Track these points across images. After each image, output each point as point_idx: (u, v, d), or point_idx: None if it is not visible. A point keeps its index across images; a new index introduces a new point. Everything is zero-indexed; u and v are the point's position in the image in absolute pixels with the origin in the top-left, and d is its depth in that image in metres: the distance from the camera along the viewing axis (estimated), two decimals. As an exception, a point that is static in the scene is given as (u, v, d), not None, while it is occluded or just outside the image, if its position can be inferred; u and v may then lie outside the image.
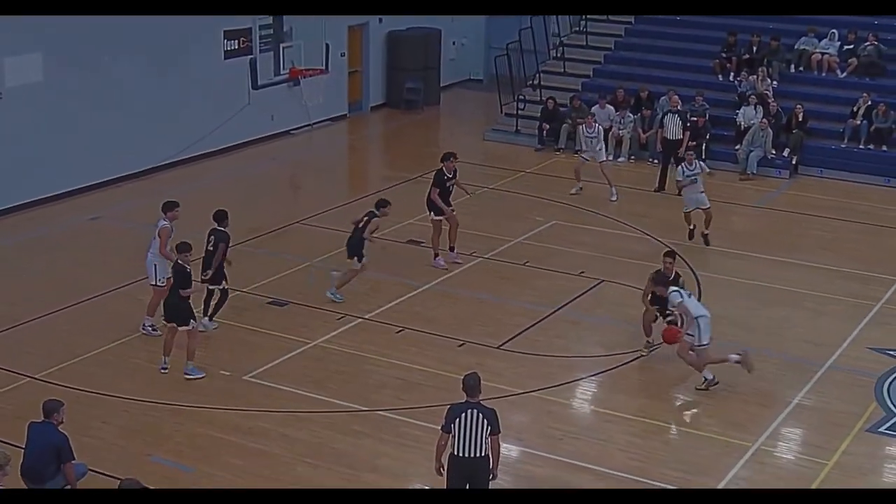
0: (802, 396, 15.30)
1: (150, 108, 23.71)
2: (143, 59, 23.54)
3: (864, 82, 26.82)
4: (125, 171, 23.65)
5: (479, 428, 11.36)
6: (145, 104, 23.61)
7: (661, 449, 14.03)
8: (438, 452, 11.62)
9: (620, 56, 29.65)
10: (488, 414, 11.44)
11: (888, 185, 24.61)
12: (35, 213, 21.80)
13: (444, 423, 11.47)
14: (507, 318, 17.49)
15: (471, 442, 11.36)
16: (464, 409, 11.40)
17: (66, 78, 22.13)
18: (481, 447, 11.40)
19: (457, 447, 11.42)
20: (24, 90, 21.43)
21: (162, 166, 24.32)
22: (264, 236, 20.72)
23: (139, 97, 23.50)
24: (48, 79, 21.84)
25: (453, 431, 11.39)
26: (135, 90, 23.44)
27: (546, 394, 15.21)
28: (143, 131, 23.60)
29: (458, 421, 11.36)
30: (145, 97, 23.62)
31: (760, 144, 25.16)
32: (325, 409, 14.66)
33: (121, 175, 23.57)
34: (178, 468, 13.17)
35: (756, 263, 19.97)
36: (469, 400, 11.50)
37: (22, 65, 21.43)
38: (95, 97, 22.68)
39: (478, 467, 11.48)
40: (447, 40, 32.14)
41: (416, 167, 25.11)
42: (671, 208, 21.84)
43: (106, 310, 17.56)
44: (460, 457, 11.41)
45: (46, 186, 22.12)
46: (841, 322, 17.56)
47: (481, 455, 11.42)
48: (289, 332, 16.79)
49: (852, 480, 13.34)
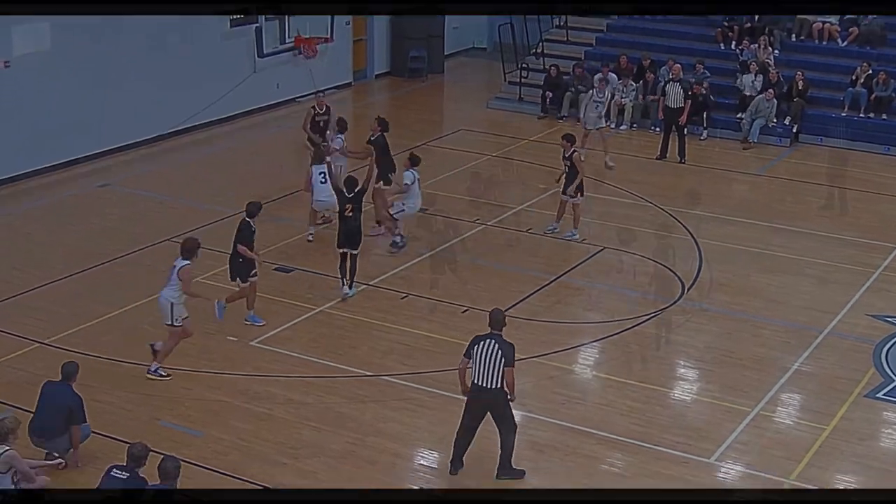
0: (801, 362, 15.30)
1: (157, 76, 23.60)
2: (150, 28, 23.40)
3: (865, 51, 26.69)
4: (133, 138, 23.58)
5: (494, 359, 11.83)
6: (152, 73, 23.49)
7: (663, 414, 14.03)
8: (461, 377, 12.27)
9: (623, 25, 29.51)
10: (504, 347, 11.95)
11: (888, 154, 24.52)
12: (44, 180, 21.76)
13: (466, 349, 12.11)
14: (509, 284, 17.47)
15: (486, 371, 11.89)
16: (483, 339, 12.04)
17: (74, 47, 22.03)
18: (496, 378, 11.87)
19: (475, 375, 11.96)
20: (32, 59, 21.34)
21: (169, 134, 24.25)
22: (270, 203, 20.61)
23: (146, 66, 23.40)
24: (56, 48, 21.74)
25: (473, 358, 11.98)
26: (142, 59, 23.34)
27: (548, 359, 15.21)
28: (150, 99, 23.50)
29: (475, 348, 11.94)
30: (152, 66, 23.51)
31: (764, 114, 25.03)
32: (330, 374, 14.67)
33: (129, 143, 23.51)
34: (187, 432, 13.20)
35: (757, 230, 19.93)
36: (492, 332, 12.04)
37: (30, 34, 21.31)
38: (103, 66, 22.57)
39: (495, 398, 12.00)
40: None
41: (420, 135, 25.08)
42: (673, 176, 21.78)
43: (114, 276, 17.55)
44: (478, 384, 11.96)
45: (55, 154, 22.06)
46: (840, 289, 17.53)
47: (497, 386, 11.91)
48: (295, 298, 16.78)
49: (851, 445, 13.36)
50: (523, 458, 12.92)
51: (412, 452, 13.12)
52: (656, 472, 12.72)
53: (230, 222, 19.63)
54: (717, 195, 21.54)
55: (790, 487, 12.44)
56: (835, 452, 13.18)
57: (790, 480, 12.58)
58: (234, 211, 20.08)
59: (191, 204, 20.43)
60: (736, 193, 22.29)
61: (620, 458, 13.00)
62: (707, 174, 23.38)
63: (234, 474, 12.30)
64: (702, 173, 23.35)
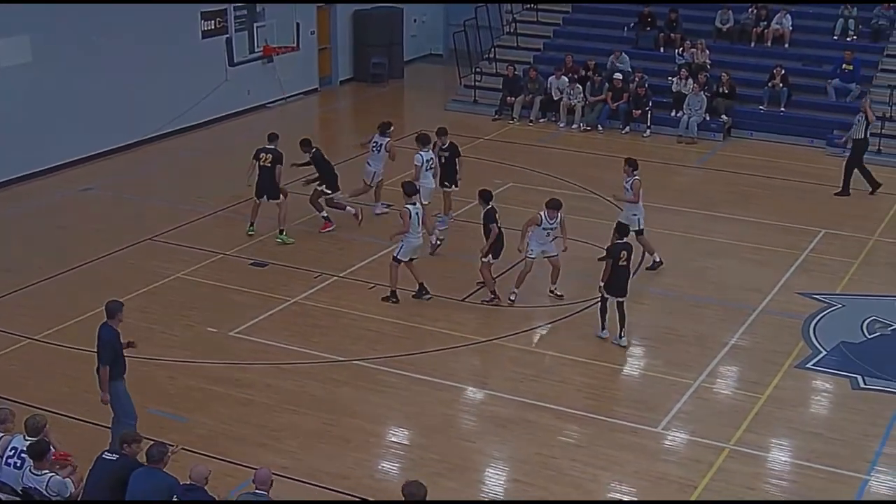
0: (738, 338, 15.51)
1: (134, 86, 23.46)
2: (126, 41, 23.29)
3: (779, 51, 27.00)
4: (113, 144, 23.45)
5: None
6: (130, 83, 23.35)
7: (614, 388, 14.22)
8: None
9: (568, 31, 29.65)
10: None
11: (812, 146, 24.82)
12: (29, 186, 21.59)
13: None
14: (469, 273, 17.52)
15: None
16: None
17: (55, 59, 21.87)
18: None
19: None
20: (14, 70, 21.16)
21: (148, 139, 24.14)
22: (245, 203, 20.61)
23: (124, 77, 23.25)
24: (37, 60, 21.58)
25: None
26: (119, 70, 23.18)
27: (507, 341, 15.34)
28: (129, 108, 23.40)
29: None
30: (130, 77, 23.37)
31: (697, 109, 25.31)
32: (305, 360, 14.71)
33: (110, 148, 23.37)
34: (173, 418, 13.21)
35: (695, 218, 20.15)
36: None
37: (11, 46, 21.13)
38: (83, 77, 22.42)
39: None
40: (409, 18, 31.99)
41: (383, 136, 25.06)
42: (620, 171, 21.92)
43: (98, 275, 17.47)
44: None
45: (39, 161, 21.90)
46: (771, 270, 17.77)
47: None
48: (270, 290, 16.80)
49: (784, 412, 13.58)
50: (487, 432, 13.09)
51: (384, 430, 13.21)
52: (609, 441, 12.89)
53: (208, 221, 19.73)
54: (659, 187, 21.68)
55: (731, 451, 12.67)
56: (770, 419, 13.40)
57: (730, 445, 12.80)
58: (210, 210, 20.16)
59: (170, 205, 20.37)
60: (675, 185, 22.50)
61: (576, 430, 13.16)
62: (649, 168, 23.44)
63: (219, 456, 12.32)
64: (644, 167, 23.37)
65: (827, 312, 16.27)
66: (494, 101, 27.44)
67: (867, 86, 25.62)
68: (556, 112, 26.63)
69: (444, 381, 14.23)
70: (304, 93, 29.03)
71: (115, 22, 22.99)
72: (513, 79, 27.10)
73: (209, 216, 20.04)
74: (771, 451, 12.88)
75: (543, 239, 16.08)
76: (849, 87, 25.55)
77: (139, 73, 23.58)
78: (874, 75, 26.01)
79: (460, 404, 13.92)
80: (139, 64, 23.60)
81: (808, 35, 27.55)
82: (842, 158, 22.55)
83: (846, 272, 17.76)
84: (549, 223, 15.93)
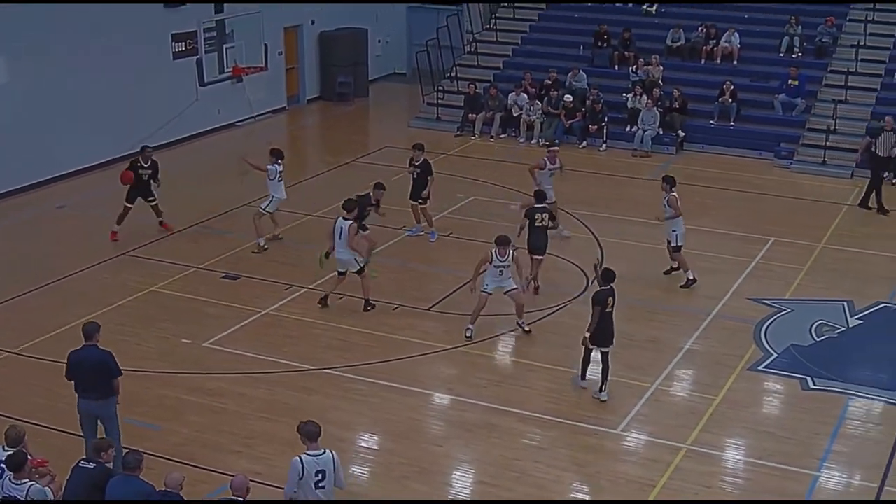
0: (693, 342, 15.63)
1: (108, 106, 23.36)
2: (100, 62, 23.20)
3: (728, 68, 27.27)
4: (87, 162, 23.31)
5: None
6: (104, 103, 23.26)
7: (574, 392, 14.25)
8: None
9: (527, 50, 29.82)
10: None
11: (761, 158, 25.08)
12: (5, 203, 21.40)
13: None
14: (434, 283, 17.61)
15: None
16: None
17: (31, 80, 21.73)
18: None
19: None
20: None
21: (121, 157, 23.90)
22: (216, 218, 20.59)
23: (98, 97, 23.15)
24: (13, 81, 21.42)
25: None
26: (94, 91, 23.08)
27: (471, 348, 15.37)
28: (102, 127, 23.29)
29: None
30: (104, 97, 23.27)
31: (651, 124, 25.52)
32: (277, 369, 14.67)
33: (84, 166, 23.23)
34: (147, 427, 13.11)
35: (650, 228, 20.21)
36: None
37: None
38: (58, 97, 22.29)
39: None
40: (373, 39, 32.04)
41: (349, 153, 25.19)
42: (576, 184, 22.08)
43: (73, 289, 17.34)
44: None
45: (15, 179, 21.74)
46: (723, 277, 17.93)
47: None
48: (242, 302, 16.74)
49: (737, 413, 13.70)
50: (454, 436, 13.10)
51: (354, 436, 13.18)
52: (571, 443, 12.94)
53: (180, 236, 19.63)
54: (615, 199, 21.86)
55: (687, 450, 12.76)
56: (724, 419, 13.51)
57: (687, 445, 12.89)
58: (182, 226, 20.05)
59: (142, 221, 20.22)
60: (631, 196, 22.62)
61: (539, 433, 13.20)
62: (606, 180, 23.74)
63: (193, 463, 12.26)
64: (601, 180, 23.71)
65: (777, 317, 16.44)
66: (456, 117, 27.54)
67: (812, 100, 25.97)
68: (516, 128, 26.78)
69: (412, 387, 14.23)
70: (273, 111, 28.98)
71: (87, 43, 22.89)
72: (474, 96, 27.21)
73: (181, 231, 19.94)
74: (726, 451, 12.99)
75: (497, 276, 15.43)
76: (795, 102, 25.88)
77: (112, 93, 23.47)
78: (818, 90, 26.34)
79: (427, 410, 13.93)
80: (112, 84, 23.49)
81: (755, 52, 27.87)
82: (789, 170, 22.79)
83: (795, 278, 17.95)
84: (500, 260, 15.28)
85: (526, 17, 30.71)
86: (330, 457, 9.97)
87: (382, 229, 19.67)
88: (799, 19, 27.63)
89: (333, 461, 9.98)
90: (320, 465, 9.89)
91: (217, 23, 26.18)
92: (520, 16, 30.72)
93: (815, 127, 25.21)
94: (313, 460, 9.89)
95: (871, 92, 25.93)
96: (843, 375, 14.61)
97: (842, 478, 12.43)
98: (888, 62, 26.55)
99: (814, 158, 24.48)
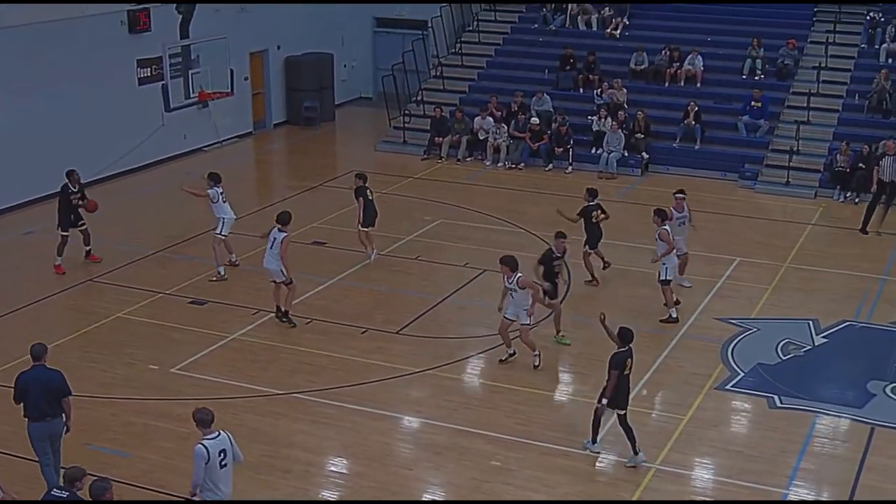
0: (660, 362, 15.69)
1: (75, 132, 23.25)
2: (67, 89, 23.13)
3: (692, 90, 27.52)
4: (54, 189, 22.94)
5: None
6: (71, 129, 23.16)
7: (543, 414, 14.26)
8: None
9: (492, 73, 29.98)
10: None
11: (725, 179, 25.29)
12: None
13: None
14: (403, 306, 17.58)
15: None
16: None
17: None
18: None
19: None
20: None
21: (88, 183, 23.70)
22: (182, 243, 20.49)
23: (65, 123, 23.06)
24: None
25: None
26: (61, 117, 23.01)
27: (440, 371, 15.35)
28: (70, 153, 22.98)
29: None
30: (71, 123, 23.18)
31: (616, 146, 25.71)
32: (245, 394, 14.58)
33: (50, 193, 22.96)
34: (115, 454, 12.99)
35: (617, 249, 20.32)
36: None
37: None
38: (26, 124, 22.22)
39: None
40: (339, 63, 32.11)
41: (317, 177, 25.15)
42: (543, 206, 22.17)
43: (40, 316, 17.18)
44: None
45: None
46: (690, 296, 18.03)
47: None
48: (210, 328, 16.64)
49: (705, 432, 13.75)
50: (423, 459, 13.06)
51: (323, 461, 13.12)
52: (540, 464, 12.94)
53: (147, 262, 19.51)
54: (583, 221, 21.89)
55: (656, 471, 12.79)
56: (692, 439, 13.57)
57: (656, 465, 12.92)
58: (150, 251, 19.94)
59: (110, 246, 20.09)
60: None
61: (509, 455, 13.17)
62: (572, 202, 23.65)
63: (161, 489, 12.16)
64: (567, 202, 23.66)
65: (744, 336, 16.55)
66: (423, 141, 27.61)
67: (775, 122, 26.27)
68: (483, 151, 26.89)
69: (381, 411, 14.19)
70: (239, 136, 28.93)
71: (52, 69, 22.78)
72: (440, 120, 27.31)
73: (148, 257, 19.83)
74: (695, 470, 13.03)
75: (509, 300, 15.24)
76: (758, 123, 26.16)
77: (78, 119, 23.36)
78: (781, 111, 26.66)
79: (397, 433, 13.89)
80: (78, 110, 23.39)
81: (718, 74, 28.16)
82: (753, 191, 22.97)
83: (761, 297, 18.10)
84: (507, 283, 15.16)
85: (491, 40, 30.89)
86: (226, 436, 10.67)
87: (348, 253, 19.71)
88: (761, 42, 27.97)
89: (230, 439, 10.69)
90: (221, 445, 10.59)
91: (183, 48, 26.16)
92: (485, 40, 30.91)
93: (778, 148, 25.50)
94: (214, 442, 10.57)
95: (832, 113, 26.26)
96: (809, 394, 14.72)
97: (810, 495, 12.51)
98: (849, 83, 26.91)
99: (777, 179, 24.74)
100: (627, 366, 12.77)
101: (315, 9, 30.93)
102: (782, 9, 29.54)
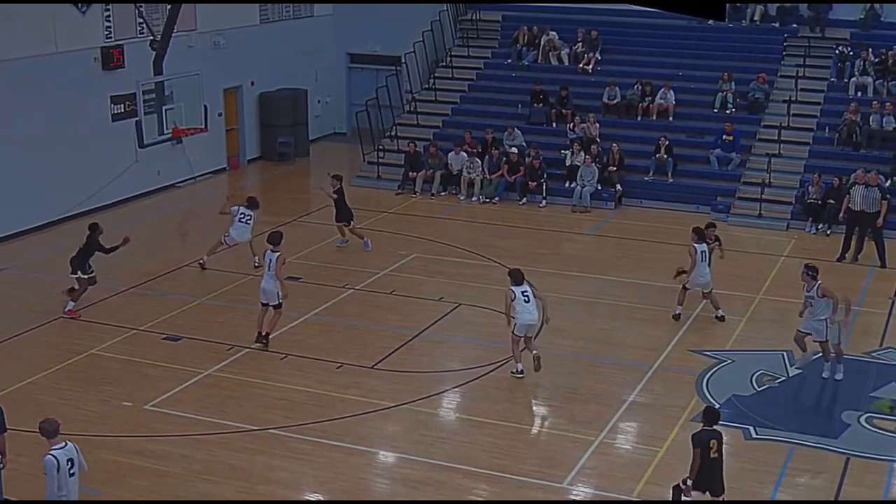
0: (636, 395, 15.73)
1: (48, 168, 23.19)
2: (39, 124, 23.07)
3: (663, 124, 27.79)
4: (26, 225, 23.07)
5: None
6: (44, 165, 23.09)
7: (519, 447, 14.25)
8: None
9: (465, 108, 30.16)
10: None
11: (698, 212, 25.45)
12: (-58, 267, 21.07)
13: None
14: (378, 341, 17.56)
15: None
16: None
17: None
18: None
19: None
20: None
21: (61, 219, 23.78)
22: (157, 279, 20.41)
23: (38, 159, 22.97)
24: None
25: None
26: (33, 152, 22.91)
27: (416, 405, 15.31)
28: (42, 189, 23.10)
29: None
30: (43, 159, 23.09)
31: (590, 180, 25.89)
32: (220, 430, 14.50)
33: (23, 229, 22.98)
34: (86, 491, 12.81)
35: (591, 282, 20.46)
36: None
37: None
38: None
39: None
40: (313, 99, 32.22)
41: (291, 212, 25.15)
42: (516, 239, 22.26)
43: (13, 353, 17.04)
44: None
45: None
46: (665, 329, 18.12)
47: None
48: (184, 364, 16.56)
49: (682, 464, 13.75)
50: (400, 494, 13.01)
51: (299, 496, 13.05)
52: (517, 498, 12.92)
53: (120, 298, 19.42)
54: (555, 253, 22.05)
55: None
56: (669, 470, 13.54)
57: (633, 497, 12.93)
58: (124, 287, 19.86)
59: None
60: (571, 251, 22.87)
61: (485, 489, 13.16)
62: (546, 236, 23.93)
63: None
64: (541, 235, 23.90)
65: (718, 368, 16.63)
66: (397, 176, 27.71)
67: (746, 154, 26.54)
68: (457, 185, 27.00)
69: (357, 446, 14.14)
70: (213, 172, 28.92)
71: (26, 105, 22.74)
72: (414, 155, 27.42)
73: (121, 293, 19.74)
74: (671, 501, 13.03)
75: (524, 304, 15.83)
76: (730, 157, 26.41)
77: (51, 155, 23.30)
78: (752, 144, 26.95)
79: (373, 468, 13.85)
80: (51, 146, 23.33)
81: (690, 108, 28.47)
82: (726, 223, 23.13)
83: (735, 329, 18.21)
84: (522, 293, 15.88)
85: (464, 76, 31.12)
86: (72, 446, 11.11)
87: (323, 288, 19.70)
88: (732, 76, 28.30)
89: (75, 448, 11.11)
90: (69, 454, 11.01)
91: (156, 84, 26.11)
92: (458, 75, 31.13)
93: (750, 181, 25.75)
94: (62, 452, 10.97)
95: (803, 146, 26.56)
96: (784, 425, 14.79)
97: (786, 526, 12.54)
98: (819, 116, 27.24)
99: (750, 211, 24.96)
100: (713, 447, 12.04)
101: (288, 45, 31.07)
102: (753, 43, 29.96)
